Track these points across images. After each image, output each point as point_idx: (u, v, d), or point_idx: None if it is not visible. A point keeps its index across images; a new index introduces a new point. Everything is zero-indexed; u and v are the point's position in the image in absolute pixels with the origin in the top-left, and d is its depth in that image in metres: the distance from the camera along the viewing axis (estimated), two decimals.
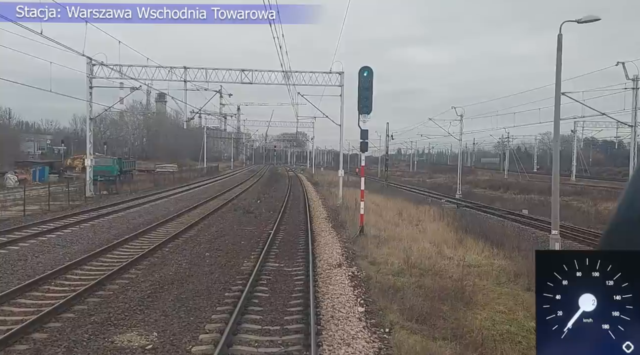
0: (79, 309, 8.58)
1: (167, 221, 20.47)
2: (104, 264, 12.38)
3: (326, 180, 54.67)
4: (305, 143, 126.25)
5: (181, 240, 16.05)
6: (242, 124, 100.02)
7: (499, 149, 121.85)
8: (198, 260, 12.89)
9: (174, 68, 28.72)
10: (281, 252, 14.48)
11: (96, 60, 27.89)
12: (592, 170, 77.50)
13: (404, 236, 18.00)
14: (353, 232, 18.57)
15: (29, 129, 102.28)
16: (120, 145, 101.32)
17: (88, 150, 29.86)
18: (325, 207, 27.66)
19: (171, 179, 47.93)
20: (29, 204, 25.43)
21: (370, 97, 17.14)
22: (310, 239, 16.23)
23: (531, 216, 27.65)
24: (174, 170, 61.23)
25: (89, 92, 28.42)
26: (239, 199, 32.11)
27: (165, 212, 23.69)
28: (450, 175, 72.08)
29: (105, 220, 20.68)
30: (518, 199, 39.33)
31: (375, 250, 15.07)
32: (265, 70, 29.00)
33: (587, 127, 66.29)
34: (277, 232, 18.09)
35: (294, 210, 26.39)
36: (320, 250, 14.51)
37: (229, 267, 12.23)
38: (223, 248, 14.79)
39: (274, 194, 36.10)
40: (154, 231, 17.97)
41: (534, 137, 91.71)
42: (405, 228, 20.33)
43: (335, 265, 12.48)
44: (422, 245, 16.14)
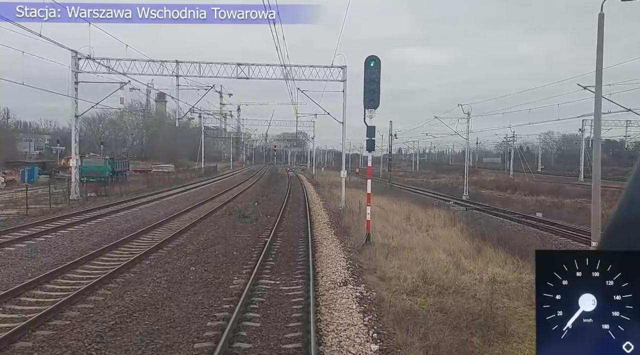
0: (19, 349, 6.81)
1: (154, 227, 18.73)
2: (70, 281, 10.62)
3: (327, 180, 52.92)
4: (305, 143, 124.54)
5: (166, 250, 14.28)
6: (242, 123, 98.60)
7: (500, 149, 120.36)
8: (181, 276, 11.11)
9: (166, 62, 26.98)
10: (278, 264, 12.71)
11: (82, 54, 26.15)
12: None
13: (414, 244, 16.24)
14: (358, 239, 16.81)
15: (27, 129, 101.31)
16: (119, 145, 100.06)
17: (73, 149, 28.08)
18: (326, 211, 25.89)
19: (166, 180, 46.16)
20: (7, 208, 23.76)
21: (378, 90, 15.38)
22: (311, 248, 14.47)
23: (546, 219, 25.89)
24: (170, 170, 59.51)
25: (74, 87, 26.65)
26: (236, 201, 30.33)
27: (155, 217, 21.94)
28: (454, 176, 70.41)
29: (87, 226, 18.91)
30: (529, 201, 37.55)
31: (385, 262, 13.30)
32: (263, 64, 27.28)
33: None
34: (275, 240, 16.33)
35: (294, 213, 24.62)
36: (322, 263, 12.74)
37: (216, 286, 10.46)
38: (212, 260, 13.02)
39: (273, 196, 34.32)
40: (138, 239, 16.21)
41: (537, 137, 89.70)
42: (415, 235, 18.58)
43: (340, 282, 10.71)
44: (437, 255, 14.35)
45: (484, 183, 57.60)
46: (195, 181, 49.89)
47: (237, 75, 27.19)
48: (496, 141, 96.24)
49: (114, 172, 41.18)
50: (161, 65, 26.85)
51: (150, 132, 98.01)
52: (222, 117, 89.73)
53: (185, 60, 27.35)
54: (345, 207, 25.43)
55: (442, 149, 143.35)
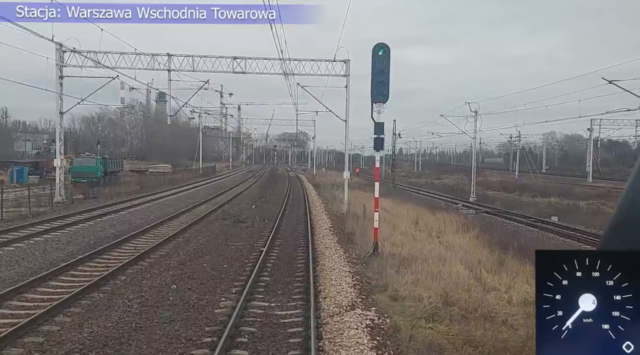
0: None
1: (140, 233, 17.07)
2: (26, 305, 8.94)
3: (328, 181, 51.21)
4: (306, 143, 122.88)
5: (147, 262, 12.60)
6: (241, 123, 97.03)
7: (502, 149, 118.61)
8: (158, 297, 9.43)
9: (157, 55, 25.27)
10: (274, 280, 11.03)
11: (67, 47, 24.48)
12: (603, 170, 73.87)
13: (427, 254, 14.55)
14: (364, 249, 15.14)
15: (26, 129, 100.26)
16: (118, 145, 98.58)
17: (57, 148, 26.36)
18: (328, 214, 24.20)
19: (162, 181, 44.49)
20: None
21: (387, 81, 13.68)
22: (312, 259, 12.78)
23: (563, 224, 24.20)
24: (167, 171, 57.84)
25: (59, 82, 24.95)
26: (232, 203, 28.68)
27: (142, 221, 20.29)
28: (459, 176, 68.68)
29: (66, 232, 17.25)
30: (540, 204, 35.79)
31: (396, 277, 11.61)
32: (261, 58, 25.57)
33: (604, 125, 62.50)
34: (271, 249, 14.66)
35: (293, 217, 22.95)
36: (324, 279, 11.05)
37: (199, 310, 8.78)
38: (198, 275, 11.34)
39: (272, 198, 32.65)
40: (119, 248, 14.54)
41: (539, 137, 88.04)
42: (427, 243, 16.90)
43: (347, 306, 9.03)
44: (454, 268, 12.64)
45: (490, 184, 55.83)
46: (192, 182, 48.22)
47: (233, 69, 25.49)
48: (498, 141, 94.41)
49: (107, 173, 39.52)
50: (152, 58, 25.17)
51: (149, 132, 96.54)
52: (223, 117, 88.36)
53: (177, 54, 25.71)
54: (349, 211, 23.75)
55: (443, 149, 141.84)
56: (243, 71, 25.53)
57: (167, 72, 25.61)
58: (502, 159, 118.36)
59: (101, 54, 24.98)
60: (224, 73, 25.60)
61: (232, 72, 25.51)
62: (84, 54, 24.72)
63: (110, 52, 25.07)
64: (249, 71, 25.53)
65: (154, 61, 25.09)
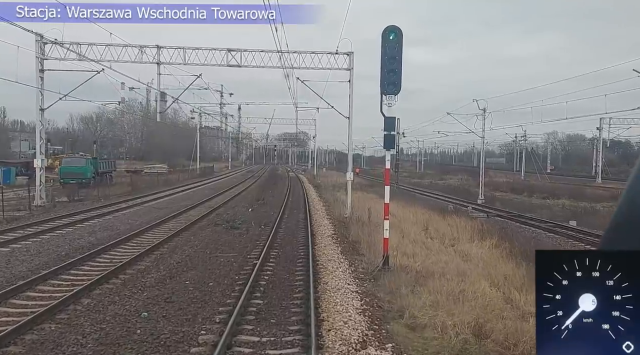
0: None
1: (121, 242, 15.31)
2: None
3: (329, 182, 49.45)
4: (306, 142, 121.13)
5: (121, 280, 10.80)
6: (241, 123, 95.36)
7: (504, 149, 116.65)
8: (123, 330, 7.63)
9: (145, 47, 23.45)
10: (267, 305, 9.22)
11: (48, 38, 22.70)
12: (609, 171, 72.04)
13: (444, 268, 12.78)
14: (371, 260, 13.38)
15: (24, 128, 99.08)
16: (116, 145, 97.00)
17: (38, 148, 24.54)
18: (330, 219, 22.40)
19: (156, 182, 42.66)
20: None
21: (399, 70, 11.88)
22: (312, 276, 10.97)
23: (584, 229, 22.32)
24: (163, 171, 56.11)
25: (40, 76, 23.14)
26: (227, 206, 26.89)
27: (127, 228, 18.53)
28: (463, 177, 66.93)
29: (38, 241, 15.46)
30: (553, 206, 33.96)
31: (412, 298, 9.82)
32: (257, 50, 23.75)
33: (613, 124, 60.67)
34: (266, 262, 12.87)
35: (292, 222, 21.15)
36: (328, 303, 9.24)
37: (170, 350, 6.98)
38: (177, 297, 9.54)
39: (271, 200, 30.82)
40: (93, 261, 12.77)
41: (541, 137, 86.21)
42: (442, 253, 15.10)
43: (356, 342, 7.23)
44: (478, 286, 10.82)
45: (497, 185, 53.96)
46: (188, 183, 46.40)
47: (228, 62, 23.67)
48: (499, 141, 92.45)
49: (98, 174, 37.75)
50: (140, 51, 23.35)
51: (147, 132, 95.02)
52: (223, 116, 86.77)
53: (167, 46, 23.87)
54: (352, 215, 21.96)
55: (444, 149, 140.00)
56: (238, 64, 23.70)
57: (156, 65, 23.79)
58: (504, 158, 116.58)
59: (85, 45, 23.21)
60: (218, 66, 23.78)
61: (226, 65, 23.69)
62: (66, 45, 22.93)
63: (95, 44, 23.28)
64: (245, 64, 23.72)
65: (142, 53, 23.30)
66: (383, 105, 12.22)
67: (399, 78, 11.93)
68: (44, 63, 23.36)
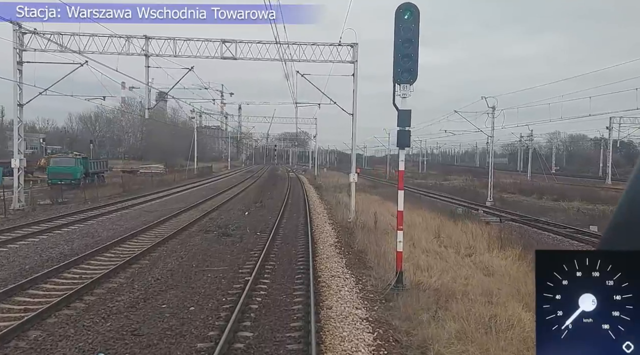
0: None
1: (98, 252, 13.61)
2: None
3: (331, 183, 47.70)
4: (307, 142, 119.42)
5: (85, 303, 9.06)
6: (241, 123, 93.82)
7: (507, 149, 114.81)
8: None
9: (132, 37, 21.71)
10: (257, 339, 7.48)
11: (27, 28, 20.97)
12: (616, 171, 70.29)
13: (465, 285, 11.08)
14: (380, 275, 11.63)
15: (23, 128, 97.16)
16: (115, 144, 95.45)
17: (16, 147, 22.81)
18: (332, 224, 20.64)
19: (151, 182, 40.91)
20: None
21: (416, 54, 10.14)
22: (313, 297, 9.21)
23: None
24: (158, 171, 54.36)
25: (18, 69, 21.41)
26: (222, 209, 25.16)
27: (110, 234, 16.83)
28: (468, 177, 65.13)
29: (4, 251, 13.71)
30: (567, 209, 32.17)
31: (434, 326, 8.09)
32: (254, 41, 22.00)
33: (624, 123, 58.89)
34: (260, 277, 11.14)
35: (291, 228, 19.41)
36: (332, 337, 7.49)
37: None
38: (149, 328, 7.79)
39: (269, 202, 29.08)
40: (58, 277, 11.05)
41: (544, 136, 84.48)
42: (458, 265, 13.35)
43: None
44: (512, 310, 9.07)
45: (504, 186, 52.07)
46: (184, 183, 44.67)
47: (222, 54, 21.92)
48: (502, 141, 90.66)
49: (88, 174, 36.02)
50: (127, 41, 21.60)
51: (146, 131, 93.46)
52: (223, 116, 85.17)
53: (156, 36, 22.11)
54: (357, 220, 20.21)
55: (445, 149, 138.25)
56: (233, 56, 21.95)
57: (144, 57, 22.02)
58: (506, 159, 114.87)
59: (68, 36, 21.45)
60: (212, 58, 22.01)
61: (220, 57, 21.94)
62: (47, 36, 21.20)
63: (78, 33, 21.53)
64: (240, 57, 21.97)
65: (129, 44, 21.56)
66: (396, 96, 10.48)
67: (416, 64, 10.20)
68: (22, 54, 21.65)
